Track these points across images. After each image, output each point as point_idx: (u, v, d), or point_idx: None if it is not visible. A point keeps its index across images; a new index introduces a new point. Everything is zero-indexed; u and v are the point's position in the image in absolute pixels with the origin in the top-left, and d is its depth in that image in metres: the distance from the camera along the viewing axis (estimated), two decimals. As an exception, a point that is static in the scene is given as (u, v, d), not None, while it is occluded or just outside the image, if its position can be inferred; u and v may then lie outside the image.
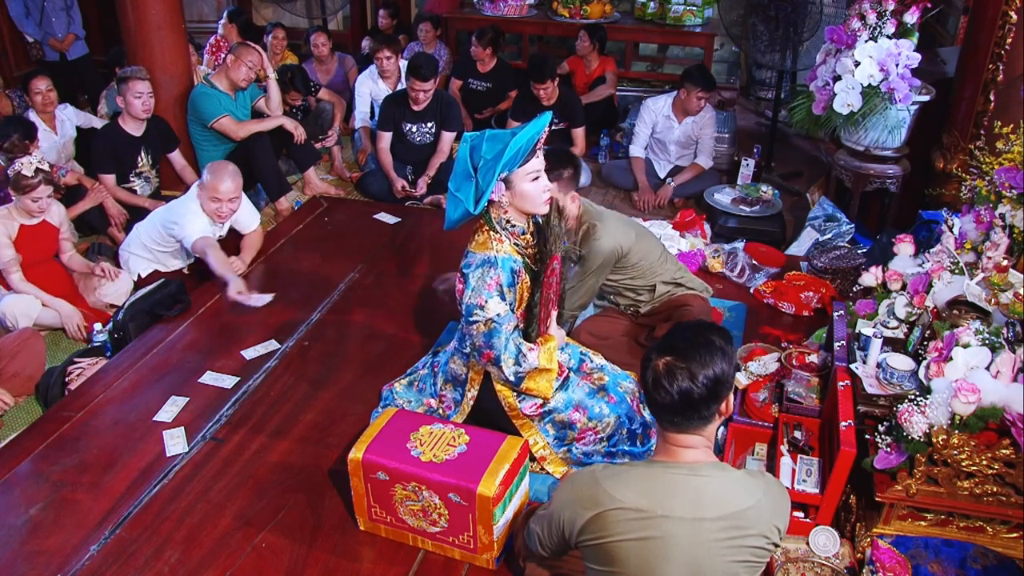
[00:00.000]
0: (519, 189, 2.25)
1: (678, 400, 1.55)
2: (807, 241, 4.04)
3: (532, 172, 2.24)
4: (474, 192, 2.22)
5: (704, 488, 1.57)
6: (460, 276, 2.35)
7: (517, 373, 2.33)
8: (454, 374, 2.56)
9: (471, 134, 2.29)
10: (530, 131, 2.20)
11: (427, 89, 4.81)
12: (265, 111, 4.96)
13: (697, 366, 1.54)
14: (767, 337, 3.11)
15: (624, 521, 1.57)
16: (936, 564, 2.11)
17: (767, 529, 1.58)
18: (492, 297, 2.26)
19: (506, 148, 2.17)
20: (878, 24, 3.73)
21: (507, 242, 2.31)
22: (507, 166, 2.19)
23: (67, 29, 5.95)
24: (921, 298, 2.44)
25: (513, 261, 2.31)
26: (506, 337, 2.28)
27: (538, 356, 2.34)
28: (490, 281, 2.27)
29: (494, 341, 2.28)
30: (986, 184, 2.57)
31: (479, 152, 2.22)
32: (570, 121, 5.25)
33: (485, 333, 2.28)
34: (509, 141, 2.18)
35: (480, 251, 2.31)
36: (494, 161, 2.18)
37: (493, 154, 2.19)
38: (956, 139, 3.91)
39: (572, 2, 6.62)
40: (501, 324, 2.27)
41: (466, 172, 2.25)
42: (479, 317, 2.27)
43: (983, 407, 1.97)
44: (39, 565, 2.19)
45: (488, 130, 2.28)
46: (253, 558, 2.21)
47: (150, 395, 2.86)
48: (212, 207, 3.58)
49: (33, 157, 3.47)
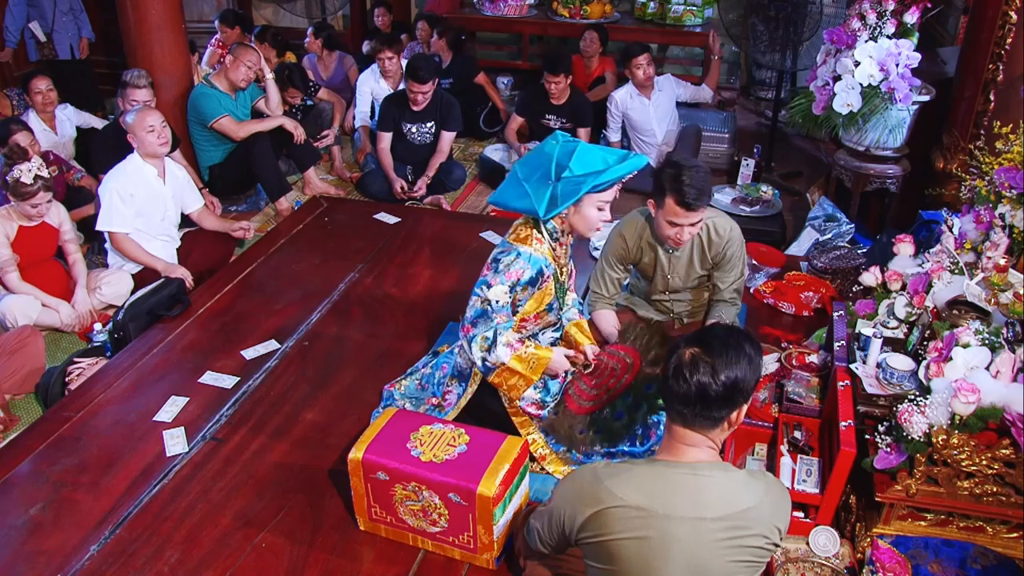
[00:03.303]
0: (584, 211, 2.29)
1: (694, 392, 1.54)
2: (807, 241, 4.04)
3: (603, 201, 2.29)
4: (547, 198, 2.22)
5: (705, 488, 1.57)
6: (490, 263, 2.36)
7: (484, 360, 2.35)
8: (459, 368, 2.56)
9: (563, 135, 2.30)
10: (628, 167, 2.22)
11: (425, 91, 4.82)
12: (265, 111, 4.96)
13: (722, 364, 1.53)
14: (767, 337, 3.11)
15: (625, 519, 1.57)
16: (936, 564, 2.11)
17: (768, 529, 1.58)
18: (504, 284, 2.30)
19: (601, 173, 2.18)
20: (878, 24, 3.73)
21: (546, 244, 2.34)
22: (593, 189, 2.21)
23: (78, 33, 5.94)
24: (921, 298, 2.44)
25: (545, 264, 2.34)
26: (492, 325, 2.31)
27: (511, 355, 2.33)
28: (512, 271, 2.30)
29: (478, 320, 2.33)
30: (986, 184, 2.58)
31: (566, 162, 2.22)
32: (576, 122, 5.27)
33: (477, 309, 2.33)
34: (604, 168, 2.19)
35: (519, 244, 2.34)
36: (581, 180, 2.19)
37: (583, 172, 2.19)
38: (956, 139, 3.91)
39: (572, 2, 6.62)
40: (494, 310, 2.30)
41: (546, 172, 2.24)
42: (481, 294, 2.32)
43: (983, 407, 1.97)
44: (39, 565, 2.19)
45: (581, 142, 2.28)
46: (253, 558, 2.21)
47: (150, 395, 2.86)
48: (151, 138, 3.73)
49: (32, 163, 3.47)
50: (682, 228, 2.62)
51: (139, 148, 3.77)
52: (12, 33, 5.81)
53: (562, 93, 5.17)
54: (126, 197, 3.71)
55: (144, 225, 3.81)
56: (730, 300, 2.90)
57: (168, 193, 3.89)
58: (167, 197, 3.88)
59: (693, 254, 2.83)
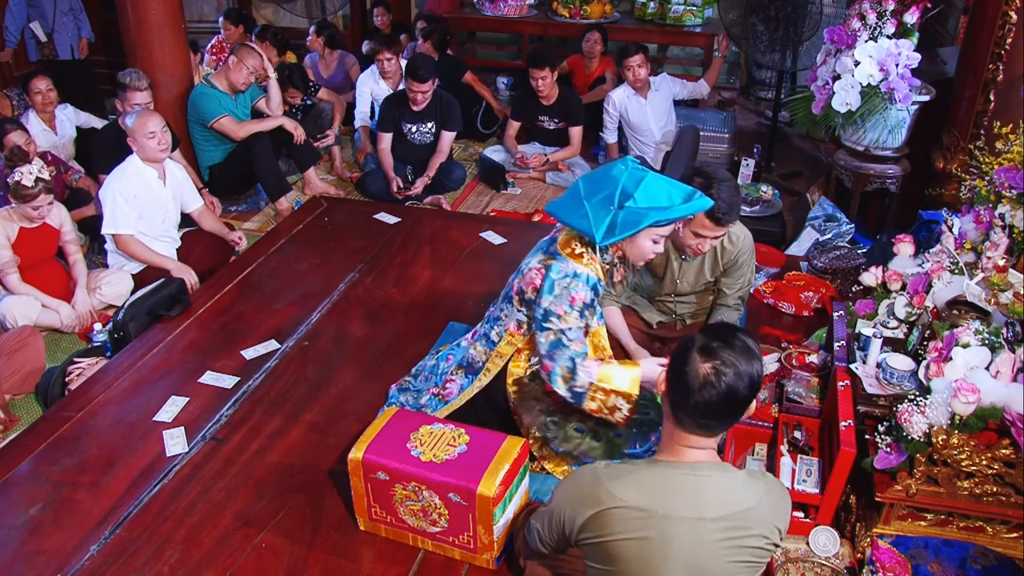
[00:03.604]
0: (639, 241, 2.24)
1: (722, 399, 1.54)
2: (807, 241, 4.04)
3: (660, 235, 2.25)
4: (607, 224, 2.16)
5: (705, 488, 1.57)
6: (541, 269, 2.29)
7: (572, 388, 2.26)
8: (471, 359, 2.53)
9: (633, 161, 2.24)
10: (693, 207, 2.18)
11: (425, 90, 4.82)
12: (265, 111, 4.96)
13: (744, 365, 1.55)
14: (767, 337, 3.11)
15: (625, 520, 1.57)
16: (936, 564, 2.11)
17: (767, 530, 1.59)
18: (572, 311, 2.24)
19: (665, 210, 2.13)
20: (878, 24, 3.73)
21: (597, 264, 2.29)
22: (653, 224, 2.17)
23: (78, 33, 5.94)
24: (921, 298, 2.44)
25: (598, 281, 2.29)
26: (570, 353, 2.25)
27: (597, 373, 2.24)
28: (575, 295, 2.24)
29: (556, 352, 2.25)
30: (986, 184, 2.58)
31: (632, 191, 2.16)
32: (569, 121, 5.27)
33: (552, 342, 2.26)
34: (668, 205, 2.14)
35: (574, 261, 2.27)
36: (644, 213, 2.14)
37: (646, 205, 2.14)
38: (956, 139, 3.91)
39: (572, 2, 6.62)
40: (569, 338, 2.24)
41: (609, 196, 2.18)
42: (552, 325, 2.25)
43: (983, 407, 1.97)
44: (39, 565, 2.19)
45: (649, 172, 2.21)
46: (253, 558, 2.21)
47: (150, 395, 2.86)
48: (151, 144, 3.71)
49: (33, 166, 3.46)
50: (705, 240, 2.62)
51: (139, 152, 3.76)
52: (12, 33, 5.81)
53: (550, 90, 5.16)
54: (129, 198, 3.71)
55: (146, 227, 3.80)
56: (734, 306, 2.90)
57: (169, 195, 3.89)
58: (168, 199, 3.88)
59: (705, 261, 2.83)
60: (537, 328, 2.30)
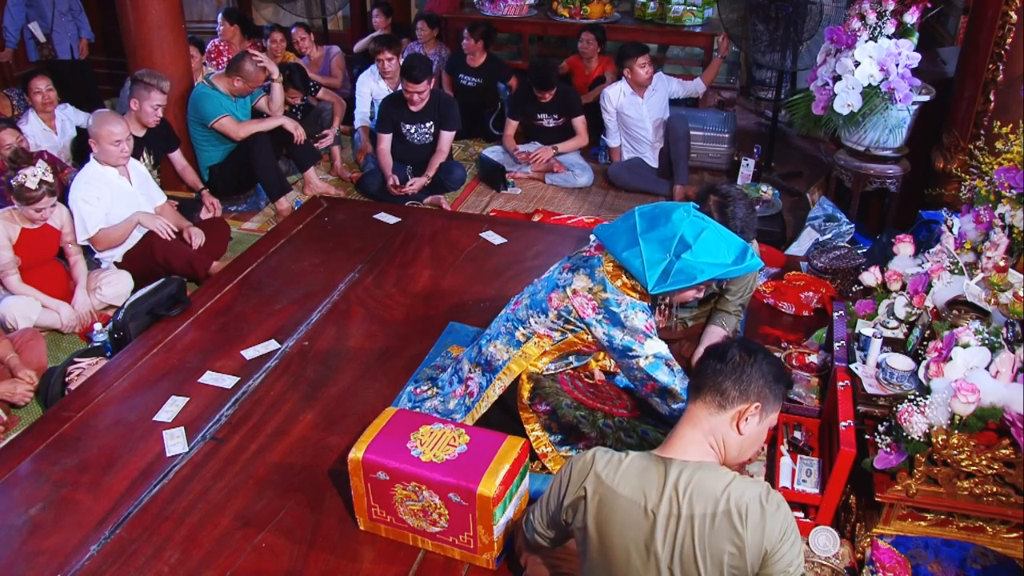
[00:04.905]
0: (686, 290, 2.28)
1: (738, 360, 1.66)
2: (807, 241, 4.04)
3: (699, 289, 2.29)
4: (660, 272, 2.17)
5: (693, 483, 1.58)
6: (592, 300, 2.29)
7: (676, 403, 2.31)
8: (490, 357, 2.51)
9: (693, 207, 2.25)
10: (745, 268, 2.20)
11: (420, 91, 4.82)
12: (265, 111, 4.96)
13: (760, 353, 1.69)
14: (767, 337, 3.11)
15: (613, 509, 1.61)
16: (936, 564, 2.11)
17: (750, 538, 1.58)
18: (650, 337, 2.28)
19: (719, 267, 2.15)
20: (878, 24, 3.73)
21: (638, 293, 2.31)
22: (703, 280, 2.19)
23: (77, 34, 5.94)
24: (921, 298, 2.44)
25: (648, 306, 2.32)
26: (669, 370, 2.29)
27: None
28: (645, 324, 2.28)
29: (657, 374, 2.28)
30: (986, 184, 2.58)
31: (690, 242, 2.16)
32: (569, 114, 5.29)
33: (648, 366, 2.28)
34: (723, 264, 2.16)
35: (627, 293, 2.29)
36: (700, 268, 2.15)
37: (703, 259, 2.15)
38: (956, 139, 3.90)
39: (572, 2, 6.62)
40: (662, 358, 2.29)
41: (666, 242, 2.18)
42: (639, 353, 2.28)
43: (983, 407, 1.97)
44: (39, 565, 2.19)
45: (712, 222, 2.22)
46: (253, 558, 2.21)
47: (150, 395, 2.86)
48: (114, 150, 3.78)
49: (37, 168, 3.47)
50: None
51: (99, 155, 3.84)
52: (12, 33, 5.81)
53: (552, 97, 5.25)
54: (93, 201, 3.80)
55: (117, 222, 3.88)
56: (734, 312, 2.92)
57: (136, 190, 3.98)
58: (135, 193, 3.97)
59: None
60: (623, 358, 2.32)
